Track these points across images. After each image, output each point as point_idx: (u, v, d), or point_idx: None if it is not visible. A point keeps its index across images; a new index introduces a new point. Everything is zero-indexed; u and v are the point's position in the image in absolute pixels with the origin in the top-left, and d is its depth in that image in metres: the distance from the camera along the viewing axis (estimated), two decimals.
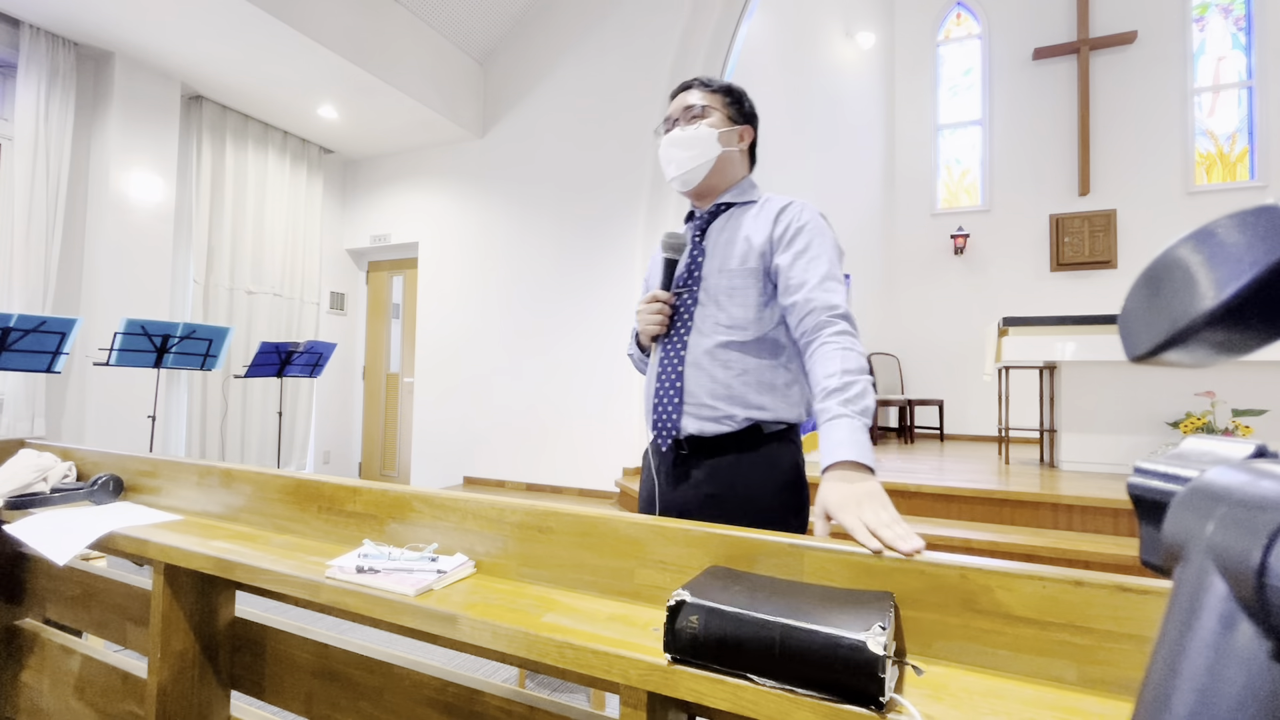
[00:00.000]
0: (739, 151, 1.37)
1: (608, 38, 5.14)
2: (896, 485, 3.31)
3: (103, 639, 1.60)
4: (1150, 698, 0.23)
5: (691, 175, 1.33)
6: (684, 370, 1.27)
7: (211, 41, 4.17)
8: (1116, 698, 0.68)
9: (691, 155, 1.31)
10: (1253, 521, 0.21)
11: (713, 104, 1.33)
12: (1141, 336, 0.26)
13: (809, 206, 1.31)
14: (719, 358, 1.24)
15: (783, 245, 1.25)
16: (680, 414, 1.26)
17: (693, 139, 1.31)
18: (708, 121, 1.32)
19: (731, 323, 1.25)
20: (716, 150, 1.32)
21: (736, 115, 1.37)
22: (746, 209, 1.34)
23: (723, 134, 1.33)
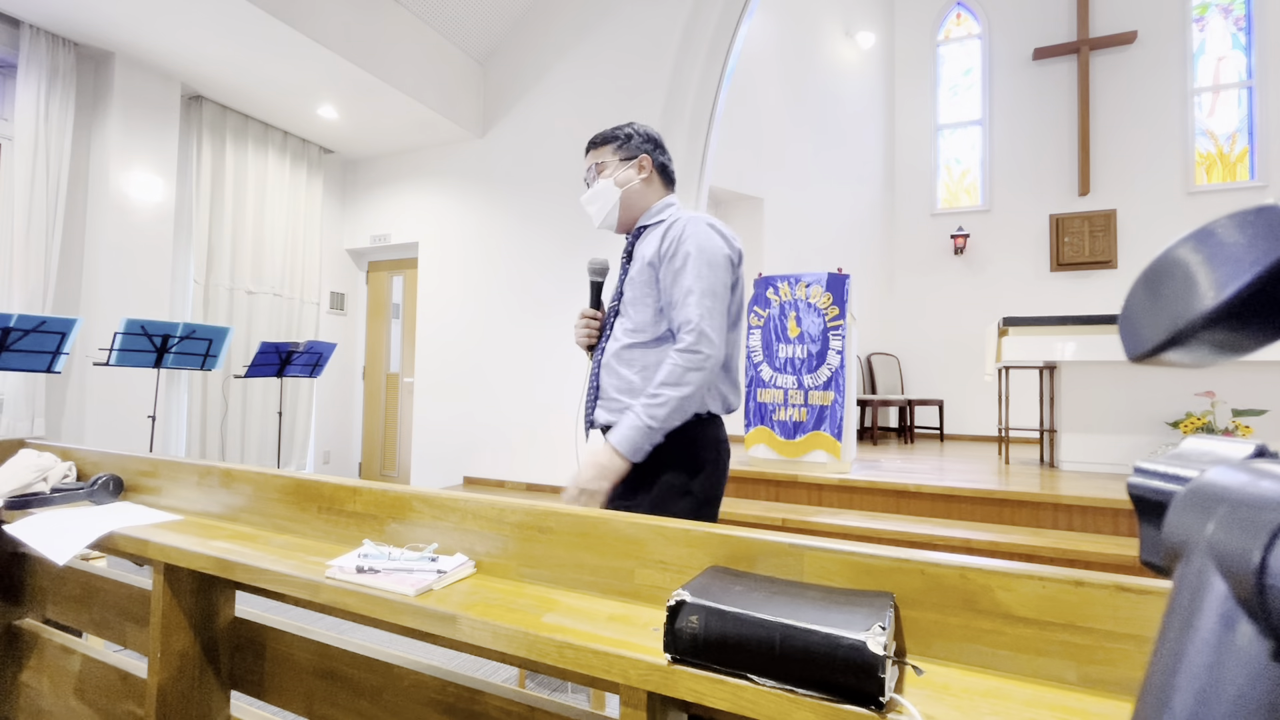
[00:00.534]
0: (641, 182, 1.54)
1: (608, 37, 5.14)
2: (896, 485, 3.31)
3: (103, 639, 1.60)
4: (1150, 698, 0.23)
5: (606, 220, 1.55)
6: (600, 371, 1.50)
7: (211, 41, 4.17)
8: (1116, 698, 0.68)
9: (599, 207, 1.54)
10: (1253, 521, 0.21)
11: (603, 158, 1.54)
12: (1142, 336, 0.26)
13: (693, 221, 1.45)
14: (623, 358, 1.46)
15: (664, 261, 1.43)
16: (595, 408, 1.50)
17: (595, 194, 1.55)
18: (604, 175, 1.54)
19: (634, 327, 1.47)
20: (616, 195, 1.52)
21: (628, 153, 1.54)
22: (655, 228, 1.51)
23: (618, 178, 1.52)
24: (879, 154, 7.45)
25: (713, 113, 4.87)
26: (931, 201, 7.40)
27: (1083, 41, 6.69)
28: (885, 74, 7.54)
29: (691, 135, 4.86)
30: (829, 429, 3.61)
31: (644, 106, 4.93)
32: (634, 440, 1.32)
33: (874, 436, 5.97)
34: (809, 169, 6.69)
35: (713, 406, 1.45)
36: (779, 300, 3.81)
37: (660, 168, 1.56)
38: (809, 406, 3.67)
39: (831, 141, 6.92)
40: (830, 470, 3.57)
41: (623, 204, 1.52)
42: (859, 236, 7.13)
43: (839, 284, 3.67)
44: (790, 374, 3.73)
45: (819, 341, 3.67)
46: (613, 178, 1.52)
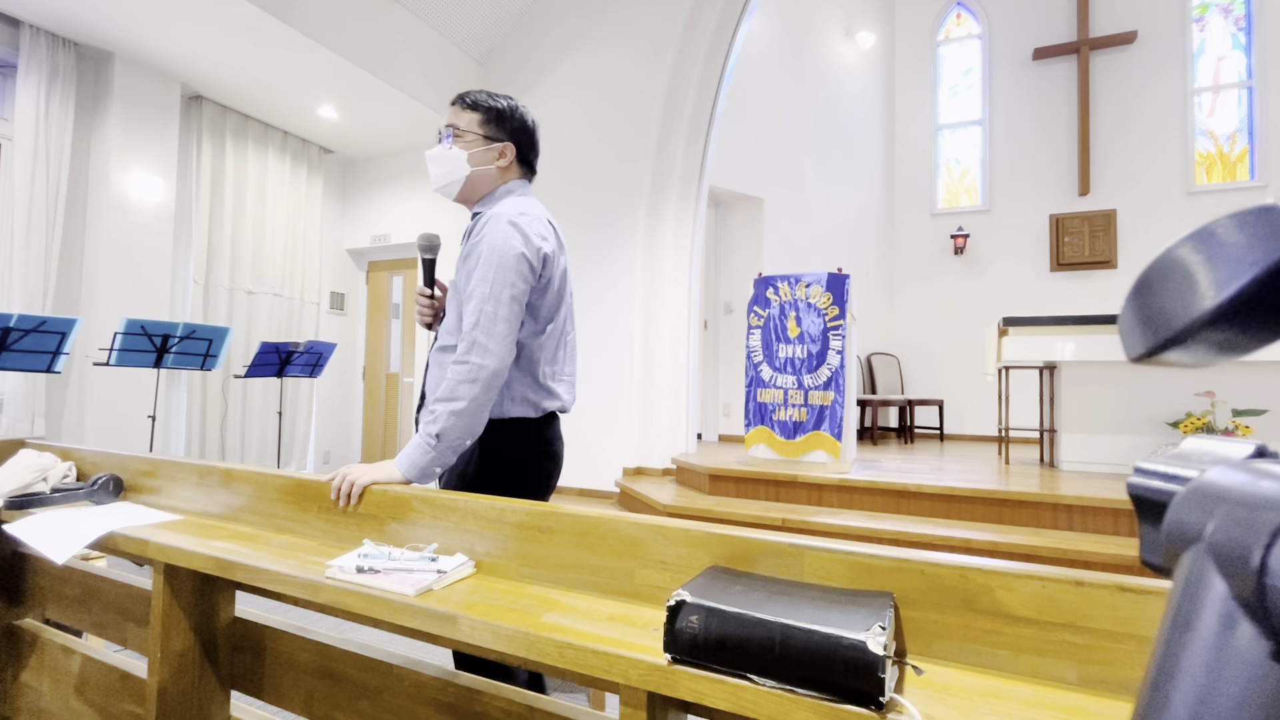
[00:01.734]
0: (496, 168, 1.45)
1: (608, 37, 5.14)
2: (896, 485, 3.31)
3: (103, 639, 1.60)
4: (1150, 698, 0.23)
5: (446, 190, 1.45)
6: (427, 370, 1.45)
7: (211, 41, 4.17)
8: (1116, 698, 0.68)
9: (444, 173, 1.43)
10: (1253, 521, 0.21)
11: (464, 125, 1.42)
12: (1142, 336, 0.26)
13: (497, 219, 1.35)
14: (437, 360, 1.41)
15: (467, 261, 1.37)
16: (421, 409, 1.44)
17: (444, 158, 1.43)
18: (461, 142, 1.42)
19: (448, 328, 1.41)
20: (466, 170, 1.42)
21: (495, 133, 1.44)
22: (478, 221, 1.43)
23: (473, 154, 1.42)
24: (879, 154, 7.45)
25: (713, 113, 4.87)
26: (931, 201, 7.39)
27: (1083, 41, 6.68)
28: (885, 74, 7.54)
29: (691, 136, 4.86)
30: (829, 429, 3.61)
31: (644, 106, 4.93)
32: (413, 459, 1.25)
33: (874, 436, 5.97)
34: (809, 169, 6.69)
35: (514, 411, 1.38)
36: (779, 300, 3.81)
37: (522, 160, 1.48)
38: (809, 406, 3.67)
39: (831, 141, 6.92)
40: (830, 470, 3.57)
41: (468, 181, 1.43)
42: (859, 236, 7.13)
43: (839, 284, 3.67)
44: (790, 374, 3.73)
45: (819, 341, 3.67)
46: (468, 153, 1.41)
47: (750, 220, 6.33)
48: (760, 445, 3.80)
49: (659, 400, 4.81)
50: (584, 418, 5.06)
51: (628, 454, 4.84)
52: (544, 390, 1.42)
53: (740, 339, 5.82)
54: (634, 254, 4.91)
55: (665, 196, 4.87)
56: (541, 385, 1.41)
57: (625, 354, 4.91)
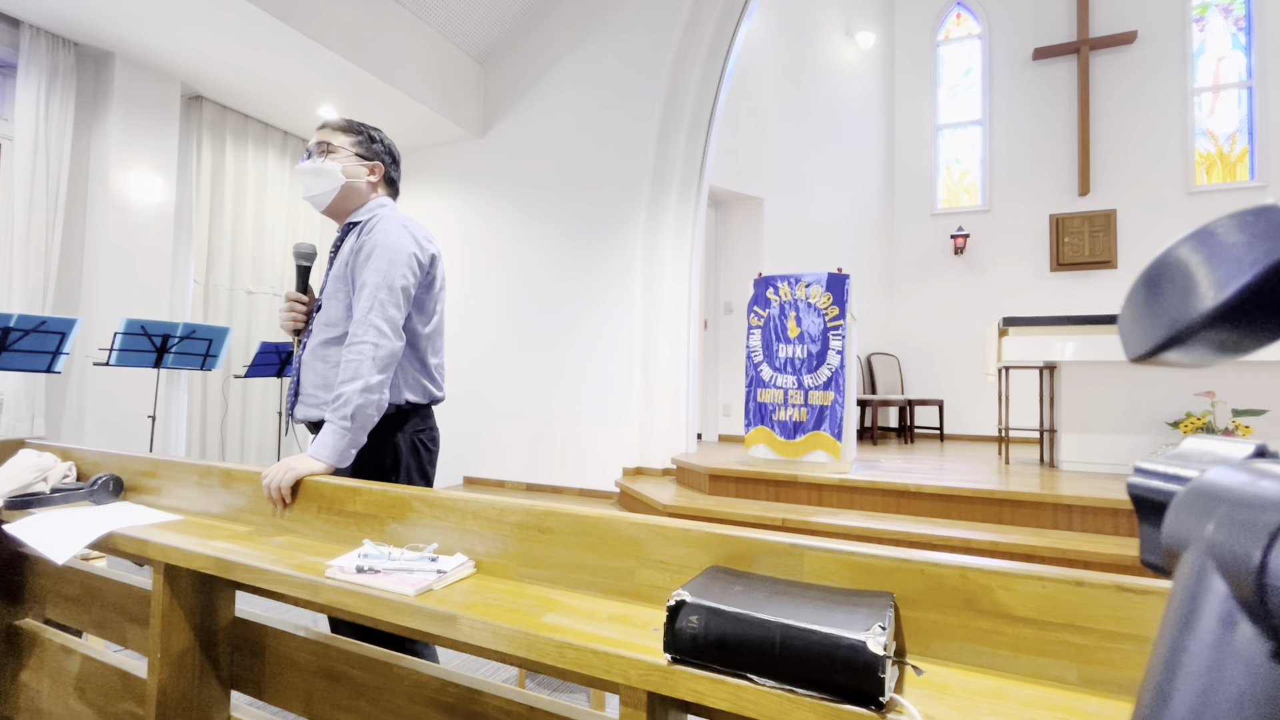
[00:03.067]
0: (366, 183, 1.58)
1: (608, 38, 5.14)
2: (896, 485, 3.31)
3: (103, 639, 1.60)
4: (1150, 698, 0.23)
5: (318, 200, 1.56)
6: (300, 366, 1.53)
7: (211, 41, 4.17)
8: (1116, 698, 0.68)
9: (318, 183, 1.54)
10: (1253, 521, 0.21)
11: (340, 142, 1.56)
12: (1141, 336, 0.26)
13: (388, 220, 1.51)
14: (319, 354, 1.49)
15: (354, 255, 1.48)
16: (295, 404, 1.53)
17: (318, 170, 1.54)
18: (333, 157, 1.55)
19: (329, 321, 1.49)
20: (339, 182, 1.54)
21: (366, 152, 1.59)
22: (359, 226, 1.55)
23: (346, 167, 1.55)
24: (879, 154, 7.45)
25: (713, 113, 4.87)
26: (931, 201, 7.39)
27: (1083, 41, 6.68)
28: (885, 74, 7.54)
29: (691, 135, 4.86)
30: (829, 429, 3.61)
31: (644, 107, 4.93)
32: (330, 444, 1.34)
33: (874, 436, 5.97)
34: (809, 169, 6.69)
35: (412, 396, 1.51)
36: (779, 300, 3.81)
37: (388, 179, 1.63)
38: (809, 406, 3.67)
39: (831, 141, 6.92)
40: (830, 470, 3.57)
41: (341, 192, 1.55)
42: (859, 236, 7.13)
43: (839, 284, 3.67)
44: (790, 374, 3.73)
45: (819, 341, 3.67)
46: (341, 165, 1.54)
47: (750, 220, 6.33)
48: (760, 445, 3.80)
49: (659, 400, 4.81)
50: (584, 418, 5.06)
51: (628, 454, 4.84)
52: (431, 379, 1.56)
53: (740, 339, 5.82)
54: (634, 254, 4.91)
55: (665, 196, 4.87)
56: (430, 373, 1.56)
57: (625, 354, 4.91)
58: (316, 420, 1.49)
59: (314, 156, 1.54)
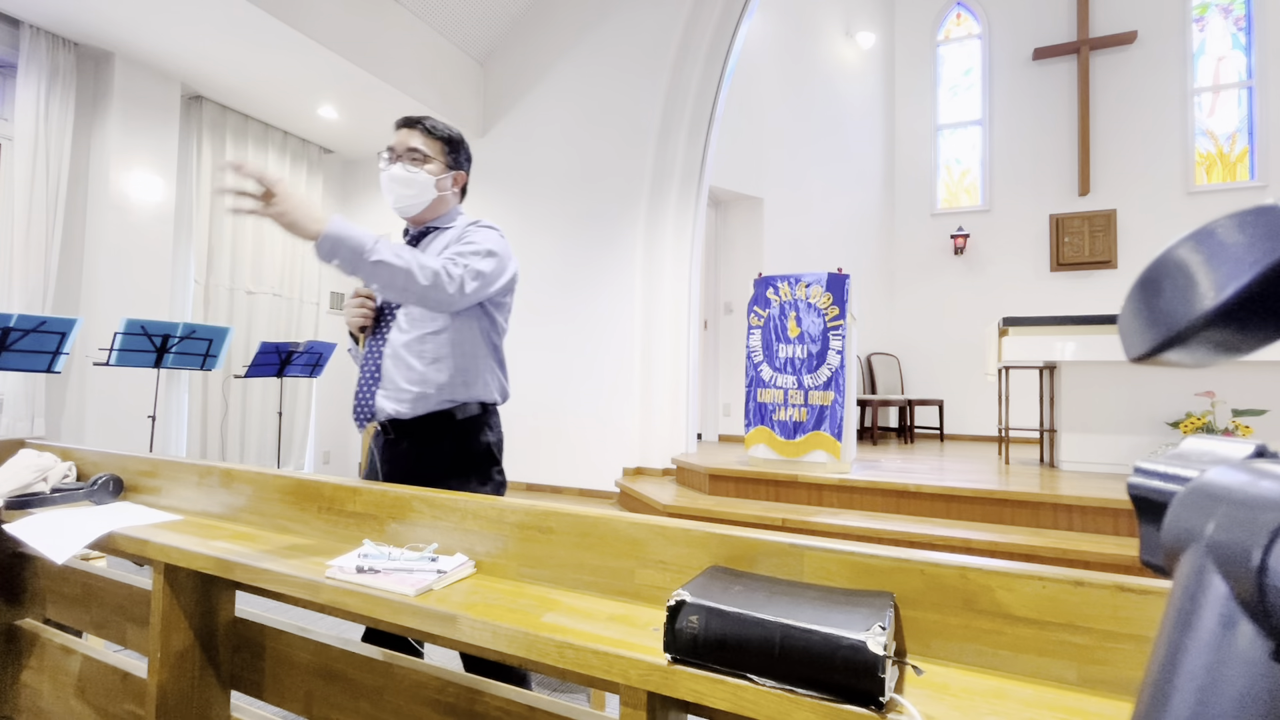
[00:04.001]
0: (452, 193, 1.59)
1: (608, 38, 5.14)
2: (896, 485, 3.31)
3: (103, 639, 1.60)
4: (1150, 698, 0.23)
5: (408, 209, 1.54)
6: (383, 361, 1.47)
7: (211, 41, 4.17)
8: (1116, 698, 0.68)
9: (410, 194, 1.52)
10: (1253, 521, 0.21)
11: (433, 152, 1.54)
12: (1142, 336, 0.26)
13: (491, 228, 1.53)
14: (413, 349, 1.45)
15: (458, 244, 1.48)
16: (375, 397, 1.47)
17: (411, 180, 1.51)
18: (428, 168, 1.52)
19: (422, 315, 1.46)
20: (432, 195, 1.53)
21: (452, 163, 1.58)
22: (447, 230, 1.57)
23: (439, 180, 1.54)
24: (879, 154, 7.45)
25: (713, 113, 4.87)
26: (931, 201, 7.39)
27: (1083, 41, 6.68)
28: (885, 74, 7.54)
29: (691, 135, 4.86)
30: (829, 429, 3.61)
31: (644, 106, 4.93)
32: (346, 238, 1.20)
33: (874, 436, 5.97)
34: (809, 169, 6.69)
35: (497, 396, 1.53)
36: (779, 300, 3.81)
37: (463, 189, 1.64)
38: (809, 406, 3.67)
39: (831, 141, 6.92)
40: (830, 470, 3.57)
41: (431, 204, 1.54)
42: (859, 236, 7.13)
43: (839, 284, 3.67)
44: (790, 374, 3.73)
45: (819, 341, 3.67)
46: (435, 179, 1.52)
47: (750, 220, 6.33)
48: (760, 445, 3.80)
49: (659, 400, 4.80)
50: (584, 418, 5.06)
51: (628, 454, 4.84)
52: (506, 380, 1.58)
53: (740, 339, 5.82)
54: (634, 254, 4.91)
55: (665, 196, 4.87)
56: (505, 376, 1.58)
57: (625, 354, 4.91)
58: (410, 417, 1.43)
59: (402, 162, 1.51)
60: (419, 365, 1.44)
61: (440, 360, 1.45)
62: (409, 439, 1.46)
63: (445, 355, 1.45)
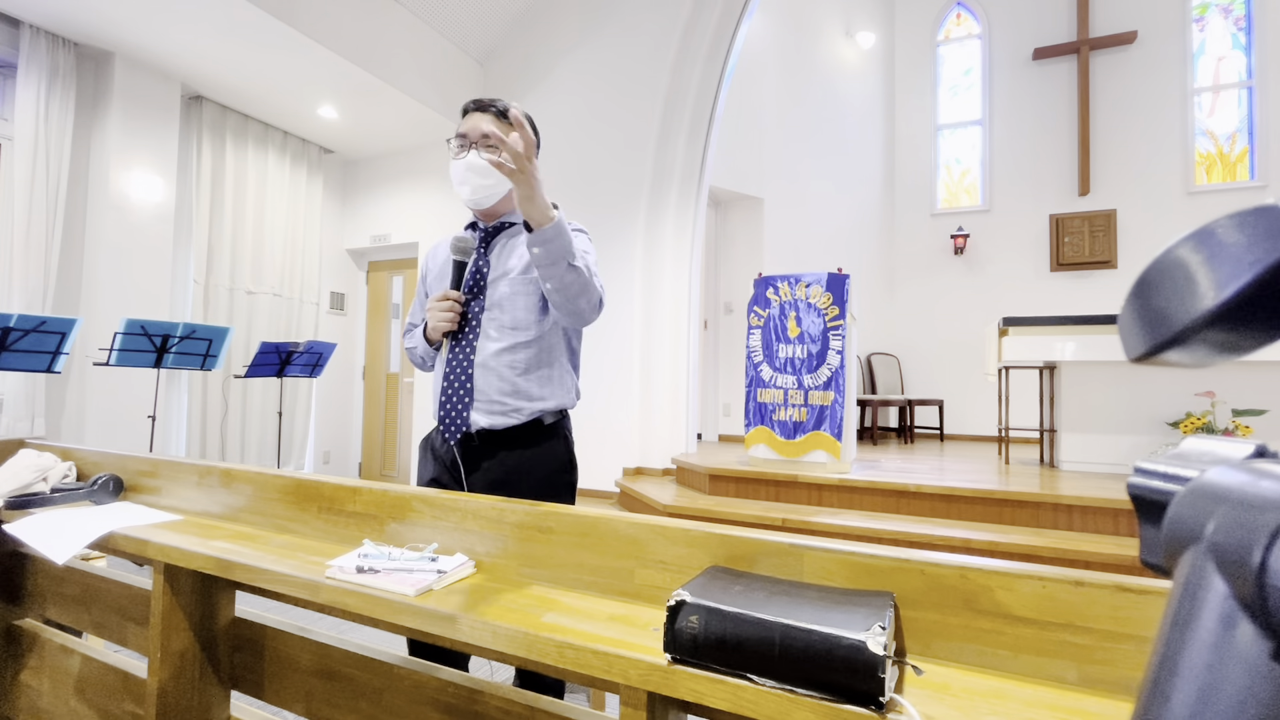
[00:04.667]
0: None
1: (608, 37, 5.14)
2: (896, 485, 3.31)
3: (103, 639, 1.60)
4: (1150, 698, 0.23)
5: (485, 200, 1.46)
6: (473, 372, 1.41)
7: (211, 41, 4.17)
8: (1116, 698, 0.68)
9: (488, 184, 1.43)
10: (1253, 521, 0.21)
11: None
12: (1141, 336, 0.26)
13: (581, 229, 1.48)
14: (504, 359, 1.41)
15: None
16: (470, 410, 1.41)
17: (490, 169, 1.40)
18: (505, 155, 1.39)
19: (515, 325, 1.42)
20: (509, 185, 1.39)
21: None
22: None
23: None
24: (879, 154, 7.45)
25: (713, 113, 4.87)
26: (931, 201, 7.39)
27: (1083, 41, 6.68)
28: (885, 74, 7.54)
29: (691, 135, 4.86)
30: (829, 429, 3.61)
31: (644, 107, 4.93)
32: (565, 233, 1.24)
33: (874, 436, 5.97)
34: (809, 169, 6.69)
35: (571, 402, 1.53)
36: (779, 300, 3.81)
37: None
38: (809, 406, 3.67)
39: (831, 141, 6.92)
40: (830, 470, 3.57)
41: (507, 194, 1.47)
42: (859, 236, 7.13)
43: (839, 284, 3.67)
44: (790, 374, 3.73)
45: (819, 341, 3.67)
46: None
47: (750, 220, 6.33)
48: (760, 445, 3.80)
49: (659, 400, 4.80)
50: (584, 418, 5.06)
51: (628, 454, 4.84)
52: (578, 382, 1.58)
53: (740, 339, 5.82)
54: (634, 254, 4.91)
55: (665, 196, 4.87)
56: (578, 376, 1.57)
57: (625, 354, 4.91)
58: (503, 428, 1.41)
59: (477, 151, 1.42)
60: (511, 376, 1.41)
61: (531, 371, 1.42)
62: (499, 448, 1.42)
63: (536, 365, 1.43)
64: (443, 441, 1.46)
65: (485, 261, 1.47)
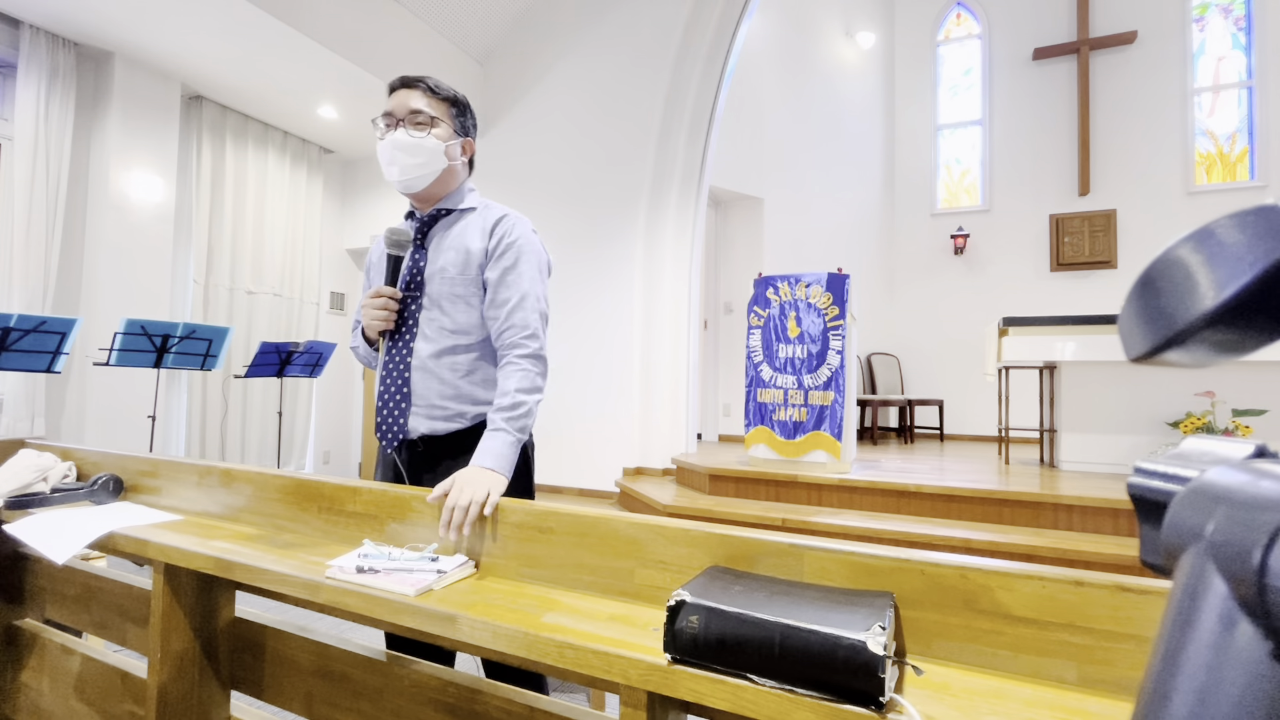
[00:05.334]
0: (461, 164, 1.42)
1: (608, 38, 5.14)
2: (896, 485, 3.31)
3: (103, 639, 1.60)
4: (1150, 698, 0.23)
5: (415, 182, 1.36)
6: (410, 375, 1.34)
7: (211, 41, 4.17)
8: (1116, 698, 0.68)
9: (417, 163, 1.34)
10: (1253, 521, 0.21)
11: (440, 114, 1.36)
12: (1141, 337, 0.26)
13: (522, 221, 1.40)
14: (443, 362, 1.33)
15: (494, 258, 1.35)
16: (408, 416, 1.33)
17: (419, 147, 1.33)
18: (436, 132, 1.35)
19: (456, 328, 1.34)
20: (443, 163, 1.36)
21: (460, 128, 1.41)
22: (464, 215, 1.40)
23: (449, 147, 1.37)
24: (879, 154, 7.45)
25: (713, 113, 4.87)
26: (931, 201, 7.39)
27: (1083, 41, 6.68)
28: (885, 74, 7.54)
29: (691, 135, 4.86)
30: (829, 429, 3.61)
31: (644, 106, 4.93)
32: (508, 456, 1.22)
33: (874, 436, 5.97)
34: (809, 169, 6.69)
35: None
36: (779, 300, 3.81)
37: (472, 159, 1.47)
38: (809, 406, 3.67)
39: (831, 141, 6.92)
40: (830, 470, 3.57)
41: (440, 176, 1.37)
42: (859, 236, 7.13)
43: (839, 284, 3.67)
44: (790, 374, 3.73)
45: (819, 341, 3.67)
46: (444, 145, 1.35)
47: (750, 220, 6.33)
48: (760, 445, 3.80)
49: (659, 400, 4.80)
50: (584, 418, 5.06)
51: (628, 454, 4.84)
52: None
53: (740, 339, 5.82)
54: (634, 254, 4.91)
55: (665, 196, 4.87)
56: None
57: (625, 354, 4.91)
58: (445, 433, 1.33)
59: (405, 127, 1.33)
60: (453, 378, 1.33)
61: (475, 372, 1.35)
62: (442, 453, 1.35)
63: (480, 366, 1.36)
64: (386, 450, 1.39)
65: (422, 255, 1.37)
